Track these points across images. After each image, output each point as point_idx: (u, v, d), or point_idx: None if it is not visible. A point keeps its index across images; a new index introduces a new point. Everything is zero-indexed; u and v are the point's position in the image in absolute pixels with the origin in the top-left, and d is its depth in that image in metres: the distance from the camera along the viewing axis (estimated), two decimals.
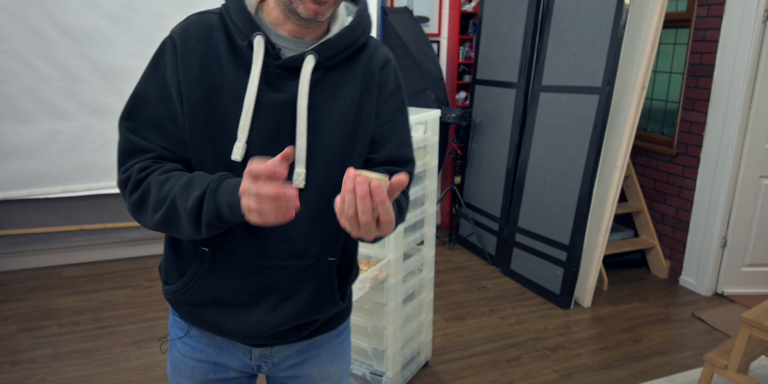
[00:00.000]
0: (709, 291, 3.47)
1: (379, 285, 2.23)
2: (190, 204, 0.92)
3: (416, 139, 2.22)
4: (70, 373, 2.60)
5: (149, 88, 1.02)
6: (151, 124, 1.02)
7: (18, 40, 3.25)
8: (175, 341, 1.17)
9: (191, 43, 1.01)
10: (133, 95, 1.03)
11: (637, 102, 3.05)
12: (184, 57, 1.01)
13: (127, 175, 1.00)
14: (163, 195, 0.95)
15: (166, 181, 0.96)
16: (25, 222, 3.64)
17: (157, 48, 1.04)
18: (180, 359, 1.17)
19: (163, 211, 0.95)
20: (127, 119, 1.02)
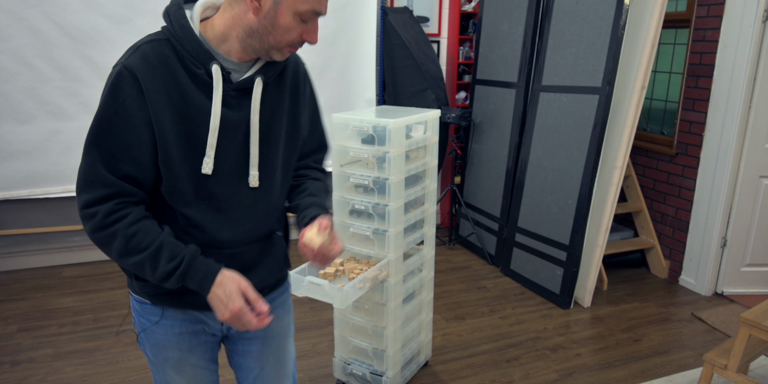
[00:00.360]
0: (708, 291, 3.47)
1: (379, 285, 2.23)
2: (158, 273, 1.12)
3: (416, 139, 2.22)
4: (71, 372, 2.61)
5: (112, 117, 1.09)
6: (116, 153, 1.10)
7: (18, 40, 3.25)
8: (150, 328, 1.30)
9: (152, 75, 1.09)
10: (96, 124, 1.10)
11: (637, 102, 3.05)
12: (148, 88, 1.09)
13: (91, 214, 1.10)
14: (131, 249, 1.11)
15: (134, 236, 1.11)
16: (25, 222, 3.64)
17: (112, 78, 1.09)
18: (162, 338, 1.30)
19: (131, 263, 1.12)
20: (93, 148, 1.10)
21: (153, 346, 1.32)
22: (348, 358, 2.46)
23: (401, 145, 2.10)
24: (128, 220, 1.12)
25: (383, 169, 2.10)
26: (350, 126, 2.14)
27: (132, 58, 1.09)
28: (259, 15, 1.10)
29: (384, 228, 2.15)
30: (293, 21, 1.11)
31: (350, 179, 2.20)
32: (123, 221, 1.11)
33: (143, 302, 1.29)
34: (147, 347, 1.33)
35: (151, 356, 1.34)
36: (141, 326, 1.32)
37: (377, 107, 2.44)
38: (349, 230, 2.25)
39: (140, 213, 1.14)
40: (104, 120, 1.09)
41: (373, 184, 2.13)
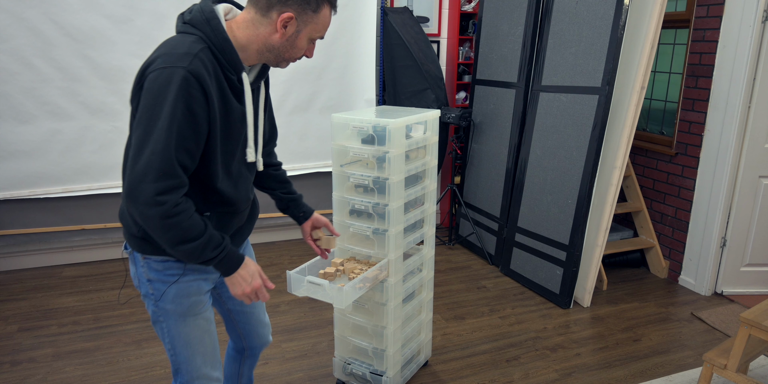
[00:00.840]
0: (708, 291, 3.47)
1: (379, 285, 2.23)
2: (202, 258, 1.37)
3: (416, 139, 2.23)
4: (71, 372, 2.61)
5: (181, 117, 1.27)
6: (183, 148, 1.29)
7: (18, 40, 3.25)
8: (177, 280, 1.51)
9: (209, 81, 1.31)
10: (167, 121, 1.26)
11: (637, 102, 3.05)
12: (209, 92, 1.30)
13: (161, 202, 1.27)
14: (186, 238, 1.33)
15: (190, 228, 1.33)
16: (25, 222, 3.64)
17: (179, 81, 1.25)
18: (186, 286, 1.51)
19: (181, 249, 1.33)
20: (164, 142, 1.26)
21: (178, 296, 1.50)
22: (348, 357, 2.47)
23: (401, 145, 2.10)
24: (188, 213, 1.32)
25: (383, 169, 2.10)
26: (350, 126, 2.14)
27: (194, 65, 1.27)
28: (283, 38, 1.40)
29: (384, 228, 2.15)
30: (306, 43, 1.44)
31: (350, 179, 2.20)
32: (184, 214, 1.31)
33: (166, 260, 1.48)
34: (170, 299, 1.50)
35: (175, 307, 1.51)
36: (163, 283, 1.49)
37: (377, 107, 2.44)
38: (349, 230, 2.25)
39: (193, 207, 1.35)
40: (175, 118, 1.26)
41: (373, 184, 2.14)
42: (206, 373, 1.59)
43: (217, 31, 1.33)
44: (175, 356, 1.56)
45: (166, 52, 1.28)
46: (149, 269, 1.49)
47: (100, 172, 3.64)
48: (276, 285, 3.58)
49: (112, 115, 3.55)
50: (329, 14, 1.44)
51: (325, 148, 4.13)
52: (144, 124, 1.26)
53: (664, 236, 3.73)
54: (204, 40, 1.33)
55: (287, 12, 1.37)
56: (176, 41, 1.31)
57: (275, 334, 2.97)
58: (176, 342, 1.55)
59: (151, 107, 1.25)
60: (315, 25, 1.41)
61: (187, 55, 1.27)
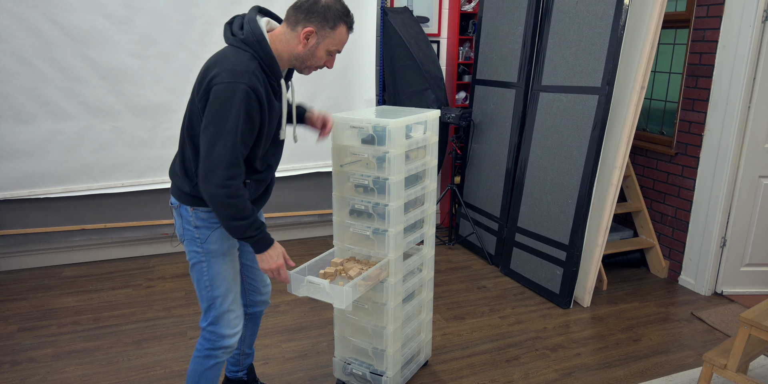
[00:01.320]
0: (708, 291, 3.47)
1: (379, 285, 2.23)
2: (244, 234, 1.75)
3: (416, 139, 2.23)
4: (71, 372, 2.61)
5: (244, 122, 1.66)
6: (244, 143, 1.69)
7: (18, 40, 3.25)
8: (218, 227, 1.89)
9: (263, 92, 1.70)
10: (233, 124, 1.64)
11: (637, 102, 3.06)
12: (262, 101, 1.70)
13: (228, 185, 1.67)
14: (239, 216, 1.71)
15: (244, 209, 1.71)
16: (25, 222, 3.64)
17: (242, 95, 1.63)
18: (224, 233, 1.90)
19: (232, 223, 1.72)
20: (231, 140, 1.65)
21: (220, 238, 1.89)
22: (348, 357, 2.47)
23: (401, 145, 2.10)
24: (245, 197, 1.71)
25: (383, 169, 2.10)
26: (350, 126, 2.14)
27: (252, 82, 1.65)
28: (305, 48, 1.76)
29: (384, 228, 2.15)
30: (325, 54, 1.79)
31: (350, 179, 2.20)
32: (242, 197, 1.70)
33: (210, 211, 1.86)
34: (214, 241, 1.88)
35: (216, 247, 1.89)
36: (208, 229, 1.87)
37: (377, 107, 2.44)
38: (349, 230, 2.26)
39: (248, 194, 1.75)
40: (238, 123, 1.64)
41: (373, 184, 2.14)
42: (234, 309, 1.95)
43: (266, 51, 1.70)
44: (211, 292, 1.90)
45: (228, 68, 1.64)
46: (197, 218, 1.87)
47: (100, 172, 3.64)
48: (276, 285, 3.58)
49: (112, 115, 3.55)
50: (345, 32, 1.77)
51: (325, 148, 4.13)
52: (214, 125, 1.64)
53: (664, 236, 3.73)
54: (256, 58, 1.70)
55: (309, 27, 1.73)
56: (235, 58, 1.66)
57: (275, 334, 2.97)
58: (215, 279, 1.90)
59: (219, 113, 1.64)
60: (332, 39, 1.76)
61: (246, 73, 1.64)
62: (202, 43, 3.62)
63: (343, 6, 1.76)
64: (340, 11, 1.74)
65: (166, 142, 3.72)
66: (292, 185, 4.16)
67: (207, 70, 1.68)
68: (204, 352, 1.94)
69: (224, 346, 1.94)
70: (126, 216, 3.85)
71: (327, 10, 1.72)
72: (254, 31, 1.69)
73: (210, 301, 1.90)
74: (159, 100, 3.63)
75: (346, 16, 1.76)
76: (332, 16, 1.72)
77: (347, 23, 1.77)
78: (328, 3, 1.72)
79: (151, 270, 3.80)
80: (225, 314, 1.92)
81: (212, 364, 1.95)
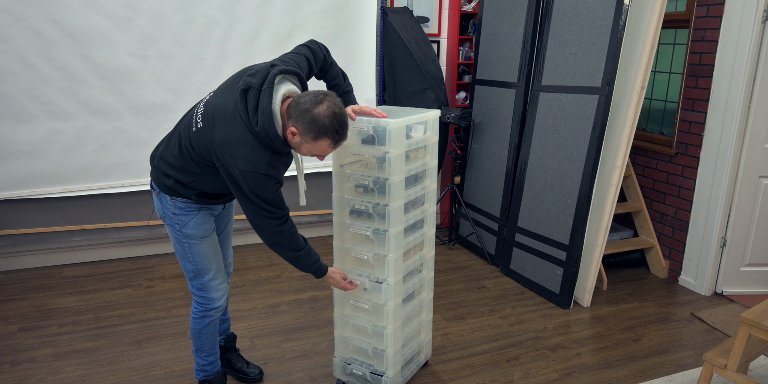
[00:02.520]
0: (708, 291, 3.47)
1: (379, 285, 2.23)
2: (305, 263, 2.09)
3: (416, 139, 2.23)
4: (71, 372, 2.61)
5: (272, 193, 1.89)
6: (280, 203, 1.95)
7: (18, 40, 3.25)
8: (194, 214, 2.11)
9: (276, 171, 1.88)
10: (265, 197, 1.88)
11: (637, 102, 3.05)
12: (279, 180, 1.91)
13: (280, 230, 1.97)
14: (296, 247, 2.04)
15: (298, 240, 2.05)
16: (25, 222, 3.64)
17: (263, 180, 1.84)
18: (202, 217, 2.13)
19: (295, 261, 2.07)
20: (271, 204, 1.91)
21: (197, 224, 2.11)
22: (348, 357, 2.47)
23: (401, 145, 2.10)
24: (293, 234, 2.02)
25: (383, 169, 2.10)
26: (350, 126, 2.14)
27: (269, 171, 1.84)
28: (293, 140, 1.83)
29: (384, 228, 2.15)
30: (308, 152, 1.86)
31: (350, 179, 2.20)
32: (292, 233, 2.01)
33: (188, 202, 2.08)
34: (191, 227, 2.10)
35: (194, 232, 2.11)
36: (186, 216, 2.09)
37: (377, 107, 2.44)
38: (349, 230, 2.25)
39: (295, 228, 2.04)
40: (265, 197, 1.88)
41: (373, 184, 2.14)
42: (217, 276, 2.22)
43: (277, 146, 1.82)
44: (195, 265, 2.15)
45: (245, 157, 1.80)
46: (175, 207, 2.08)
47: (100, 172, 3.64)
48: (276, 285, 3.58)
49: (112, 115, 3.55)
50: (327, 145, 1.81)
51: None
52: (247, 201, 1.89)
53: (664, 236, 3.73)
54: (269, 146, 1.83)
55: (293, 128, 1.79)
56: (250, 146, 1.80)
57: (275, 334, 2.97)
58: (197, 256, 2.14)
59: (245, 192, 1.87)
60: (312, 146, 1.82)
61: (263, 165, 1.81)
62: (202, 43, 3.62)
63: (334, 123, 1.76)
64: (326, 127, 1.76)
65: None
66: (292, 185, 4.16)
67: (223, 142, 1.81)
68: (198, 314, 2.25)
69: (214, 307, 2.24)
70: (126, 216, 3.85)
71: (314, 123, 1.75)
72: (267, 129, 1.78)
73: (194, 272, 2.17)
74: (159, 100, 3.63)
75: (332, 133, 1.77)
76: (317, 129, 1.76)
77: (332, 139, 1.79)
78: (318, 115, 1.75)
79: (151, 270, 3.80)
80: (210, 282, 2.20)
81: (207, 322, 2.26)
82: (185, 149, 1.96)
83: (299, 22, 3.79)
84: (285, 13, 3.74)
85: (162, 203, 2.11)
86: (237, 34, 3.67)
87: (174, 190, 2.05)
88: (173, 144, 2.01)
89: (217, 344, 2.36)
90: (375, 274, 2.25)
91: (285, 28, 3.77)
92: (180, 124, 2.03)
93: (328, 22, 3.86)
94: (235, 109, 1.81)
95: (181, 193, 2.05)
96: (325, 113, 1.75)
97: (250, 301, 3.36)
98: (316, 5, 3.79)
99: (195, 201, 2.09)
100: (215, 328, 2.30)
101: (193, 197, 2.07)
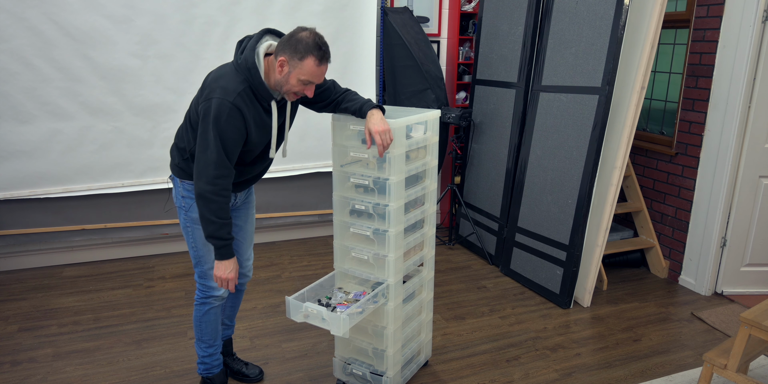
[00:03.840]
0: (708, 291, 3.47)
1: (378, 285, 2.23)
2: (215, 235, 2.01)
3: (416, 139, 2.23)
4: (71, 372, 2.61)
5: (229, 134, 1.93)
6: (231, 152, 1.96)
7: (18, 40, 3.25)
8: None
9: (246, 109, 1.95)
10: (218, 136, 1.91)
11: (637, 102, 3.06)
12: (246, 118, 1.95)
13: (216, 183, 1.95)
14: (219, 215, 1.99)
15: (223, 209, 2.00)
16: (25, 222, 3.64)
17: (227, 110, 1.90)
18: None
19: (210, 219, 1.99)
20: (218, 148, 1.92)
21: None
22: (348, 357, 2.47)
23: (401, 145, 2.10)
24: (228, 199, 1.99)
25: (383, 169, 2.10)
26: (350, 126, 2.14)
27: (237, 100, 1.91)
28: (281, 75, 1.93)
29: (384, 228, 2.15)
30: (297, 83, 1.94)
31: (350, 179, 2.20)
32: (226, 197, 1.99)
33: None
34: (195, 210, 2.14)
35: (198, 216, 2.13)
36: (192, 199, 2.13)
37: None
38: (350, 230, 2.25)
39: (230, 195, 2.01)
40: (224, 135, 1.91)
41: (373, 184, 2.14)
42: None
43: (254, 77, 1.93)
44: (197, 251, 2.21)
45: (222, 85, 1.90)
46: (183, 189, 2.16)
47: (100, 172, 3.64)
48: (276, 285, 3.58)
49: (112, 115, 3.55)
50: (313, 64, 1.89)
51: (325, 148, 4.13)
52: (205, 133, 1.92)
53: (664, 236, 3.73)
54: (248, 81, 1.94)
55: (281, 56, 1.91)
56: (230, 78, 1.92)
57: (275, 334, 2.97)
58: (199, 243, 2.20)
59: (209, 123, 1.90)
60: (300, 69, 1.90)
61: (234, 93, 1.91)
62: (202, 43, 3.62)
63: (317, 41, 1.89)
64: (310, 45, 1.88)
65: (166, 142, 3.72)
66: (292, 185, 4.16)
67: (210, 82, 1.94)
68: (200, 301, 2.30)
69: (214, 295, 2.28)
70: (126, 216, 3.85)
71: (298, 43, 1.88)
72: (248, 59, 1.92)
73: (197, 258, 2.23)
74: (159, 100, 3.63)
75: (315, 49, 1.88)
76: (302, 48, 1.88)
77: (316, 56, 1.89)
78: (301, 37, 1.89)
79: (151, 270, 3.80)
80: (210, 271, 2.24)
81: (207, 309, 2.30)
82: (187, 118, 2.08)
83: (299, 22, 3.79)
84: (285, 13, 3.74)
85: (174, 187, 2.21)
86: (237, 34, 3.67)
87: (180, 168, 2.14)
88: (185, 119, 2.13)
89: (218, 336, 2.37)
90: (375, 274, 2.25)
91: (285, 28, 3.76)
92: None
93: (328, 22, 3.86)
94: (228, 64, 2.00)
95: (188, 171, 2.14)
96: (307, 35, 1.89)
97: (251, 301, 3.36)
98: (316, 5, 3.79)
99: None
100: (216, 317, 2.33)
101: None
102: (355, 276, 2.34)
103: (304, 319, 2.10)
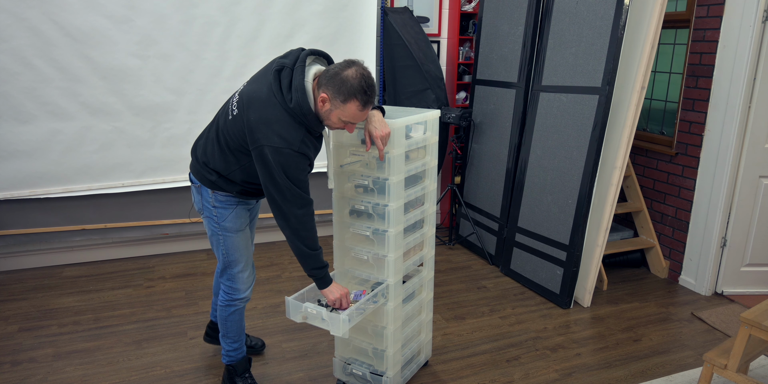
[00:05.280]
0: (708, 291, 3.47)
1: (378, 285, 2.23)
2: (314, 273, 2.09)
3: (416, 139, 2.22)
4: (71, 372, 2.61)
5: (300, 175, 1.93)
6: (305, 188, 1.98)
7: (18, 40, 3.25)
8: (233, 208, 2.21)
9: (309, 150, 1.94)
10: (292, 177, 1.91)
11: (637, 102, 3.05)
12: (310, 156, 1.96)
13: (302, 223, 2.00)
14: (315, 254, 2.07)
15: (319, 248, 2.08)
16: (25, 222, 3.64)
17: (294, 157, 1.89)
18: (239, 211, 2.23)
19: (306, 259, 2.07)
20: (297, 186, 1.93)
21: (235, 218, 2.22)
22: (348, 357, 2.47)
23: (401, 145, 2.10)
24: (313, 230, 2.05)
25: (383, 169, 2.10)
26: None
27: (302, 148, 1.90)
28: (322, 110, 1.90)
29: (384, 228, 2.15)
30: (338, 121, 1.90)
31: (350, 179, 2.20)
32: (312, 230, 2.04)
33: (228, 195, 2.17)
34: (230, 220, 2.20)
35: (231, 225, 2.21)
36: (225, 210, 2.18)
37: None
38: (349, 230, 2.25)
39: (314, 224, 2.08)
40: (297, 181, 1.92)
41: (373, 184, 2.14)
42: (246, 269, 2.32)
43: (311, 121, 1.89)
44: (228, 257, 2.26)
45: (279, 133, 1.85)
46: (216, 200, 2.17)
47: (100, 172, 3.64)
48: (276, 285, 3.58)
49: (112, 115, 3.55)
50: (356, 108, 1.85)
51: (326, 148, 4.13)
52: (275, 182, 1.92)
53: (665, 236, 3.73)
54: (303, 124, 1.90)
55: (324, 93, 1.86)
56: (286, 124, 1.86)
57: (275, 334, 2.97)
58: (230, 248, 2.24)
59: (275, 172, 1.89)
60: (342, 111, 1.86)
61: (297, 141, 1.87)
62: (202, 43, 3.62)
63: (362, 84, 1.82)
64: (355, 88, 1.81)
65: (166, 142, 3.72)
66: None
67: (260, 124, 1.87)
68: (225, 303, 2.35)
69: (240, 298, 2.34)
70: (126, 216, 3.85)
71: (343, 84, 1.81)
72: (302, 105, 1.85)
73: (226, 264, 2.28)
74: (159, 100, 3.63)
75: (361, 93, 1.82)
76: (346, 90, 1.81)
77: (360, 101, 1.83)
78: (347, 77, 1.82)
79: (151, 270, 3.80)
80: (239, 274, 2.30)
81: (233, 310, 2.36)
82: (222, 138, 2.03)
83: (299, 22, 3.79)
84: (285, 13, 3.74)
85: (203, 196, 2.19)
86: (237, 34, 3.67)
87: (217, 184, 2.13)
88: (212, 135, 2.09)
89: (242, 333, 2.44)
90: (375, 274, 2.25)
91: (285, 28, 3.76)
92: (217, 116, 2.11)
93: (328, 22, 3.86)
94: (269, 91, 1.87)
95: (224, 188, 2.13)
96: (353, 75, 1.81)
97: (251, 301, 3.36)
98: (316, 5, 3.79)
99: (235, 196, 2.18)
100: (241, 317, 2.40)
101: (234, 193, 2.16)
102: (355, 276, 2.34)
103: (303, 320, 2.12)
